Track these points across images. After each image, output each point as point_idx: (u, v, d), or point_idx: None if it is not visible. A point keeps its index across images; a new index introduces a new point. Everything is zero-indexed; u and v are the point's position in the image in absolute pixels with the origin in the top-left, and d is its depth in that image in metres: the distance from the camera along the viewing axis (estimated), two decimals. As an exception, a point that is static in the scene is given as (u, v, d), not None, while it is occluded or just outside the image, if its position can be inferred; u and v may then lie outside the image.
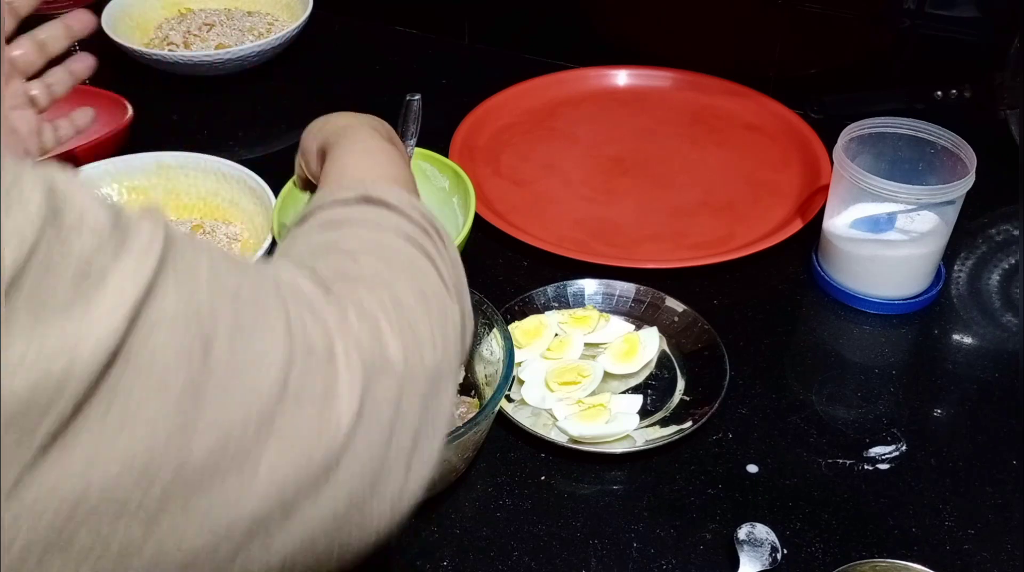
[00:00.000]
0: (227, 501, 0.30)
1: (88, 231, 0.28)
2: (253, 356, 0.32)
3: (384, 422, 0.37)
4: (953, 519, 0.66)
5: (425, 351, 0.41)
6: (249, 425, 0.31)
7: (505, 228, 0.89)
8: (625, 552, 0.64)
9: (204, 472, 0.30)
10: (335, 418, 0.34)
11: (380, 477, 0.37)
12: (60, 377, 0.26)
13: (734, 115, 1.07)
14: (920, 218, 0.79)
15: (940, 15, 0.98)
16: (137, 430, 0.28)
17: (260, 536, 0.32)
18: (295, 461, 0.33)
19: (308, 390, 0.34)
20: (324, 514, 0.34)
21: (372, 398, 0.36)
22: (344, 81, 1.16)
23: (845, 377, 0.77)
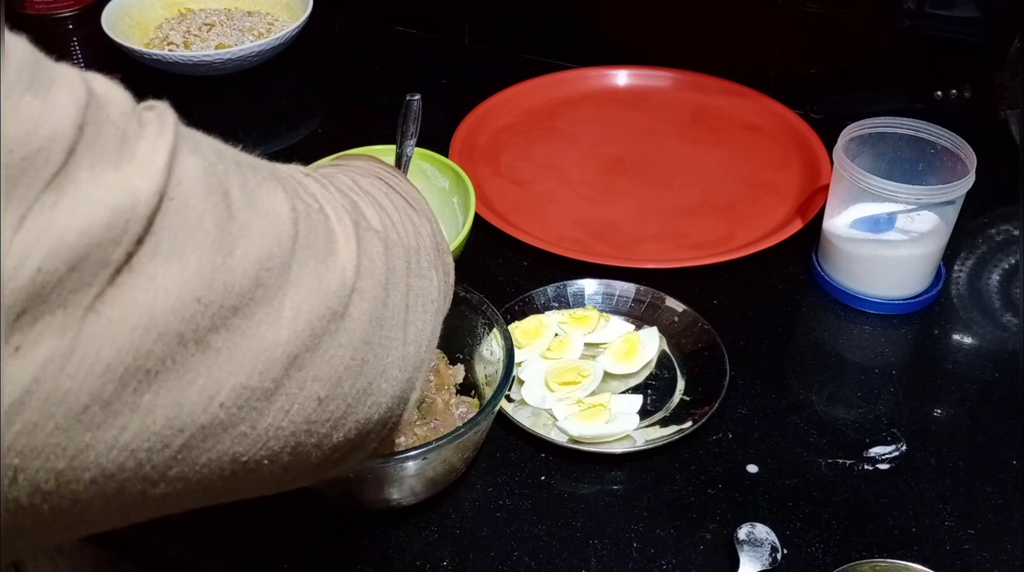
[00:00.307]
0: (263, 334, 0.34)
1: (116, 104, 0.32)
2: (264, 208, 0.36)
3: (378, 275, 0.41)
4: (953, 519, 0.66)
5: (398, 229, 0.46)
6: (273, 262, 0.35)
7: (505, 228, 0.89)
8: (625, 552, 0.64)
9: (242, 302, 0.33)
10: (340, 263, 0.39)
11: (384, 329, 0.41)
12: (125, 213, 0.30)
13: (734, 115, 1.07)
14: (920, 218, 0.79)
15: (940, 15, 0.98)
16: (187, 261, 0.32)
17: (295, 372, 0.36)
18: (313, 300, 0.36)
19: (314, 239, 0.38)
20: (345, 354, 0.38)
21: (365, 253, 0.41)
22: (344, 81, 1.16)
23: (845, 377, 0.77)
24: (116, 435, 0.30)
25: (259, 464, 0.36)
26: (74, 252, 0.28)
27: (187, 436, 0.32)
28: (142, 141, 0.32)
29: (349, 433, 0.40)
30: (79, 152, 0.29)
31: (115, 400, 0.30)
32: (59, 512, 0.30)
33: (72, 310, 0.29)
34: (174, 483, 0.33)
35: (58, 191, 0.28)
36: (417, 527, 0.65)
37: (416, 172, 0.91)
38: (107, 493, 0.31)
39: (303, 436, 0.37)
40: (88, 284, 0.29)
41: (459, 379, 0.71)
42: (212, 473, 0.34)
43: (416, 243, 0.47)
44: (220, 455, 0.34)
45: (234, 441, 0.34)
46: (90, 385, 0.29)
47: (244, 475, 0.36)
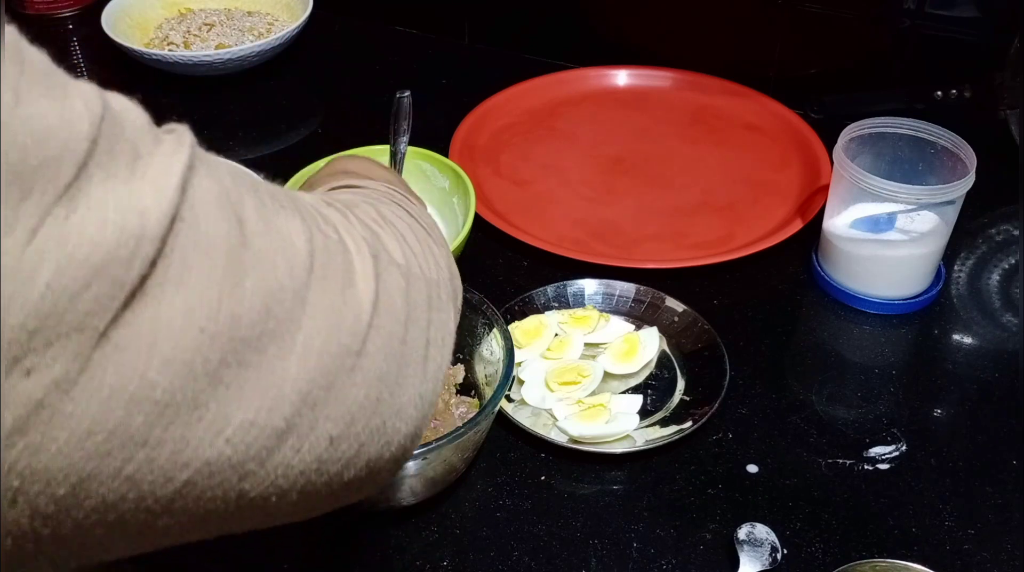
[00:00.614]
0: (273, 369, 0.33)
1: (131, 120, 0.32)
2: (280, 236, 0.35)
3: (398, 310, 0.40)
4: (953, 519, 0.66)
5: (420, 261, 0.45)
6: (286, 294, 0.34)
7: (505, 228, 0.89)
8: (625, 552, 0.64)
9: (252, 336, 0.32)
10: (357, 298, 0.37)
11: (402, 367, 0.40)
12: (136, 231, 0.29)
13: (734, 115, 1.07)
14: (920, 218, 0.79)
15: (940, 15, 0.98)
16: (193, 288, 0.31)
17: (307, 411, 0.34)
18: (328, 336, 0.35)
19: (331, 270, 0.37)
20: (359, 393, 0.37)
21: (384, 286, 0.39)
22: (344, 81, 1.16)
23: (845, 377, 0.77)
24: (119, 466, 0.30)
25: (266, 501, 0.35)
26: (84, 270, 0.28)
27: (192, 471, 0.32)
28: (156, 159, 0.31)
29: (360, 472, 0.39)
30: (91, 166, 0.28)
31: (119, 429, 0.29)
32: (60, 538, 0.30)
33: (88, 335, 0.28)
34: (178, 516, 0.33)
35: (69, 205, 0.27)
36: (417, 527, 0.65)
37: (416, 172, 0.91)
38: (108, 521, 0.31)
39: (313, 475, 0.36)
40: (104, 307, 0.28)
41: (459, 379, 0.71)
42: (217, 508, 0.34)
43: (437, 276, 0.46)
44: (226, 492, 0.33)
45: (241, 478, 0.33)
46: (93, 412, 0.29)
47: (250, 511, 0.35)
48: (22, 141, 0.27)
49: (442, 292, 0.46)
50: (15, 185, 0.26)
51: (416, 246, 0.45)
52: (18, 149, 0.27)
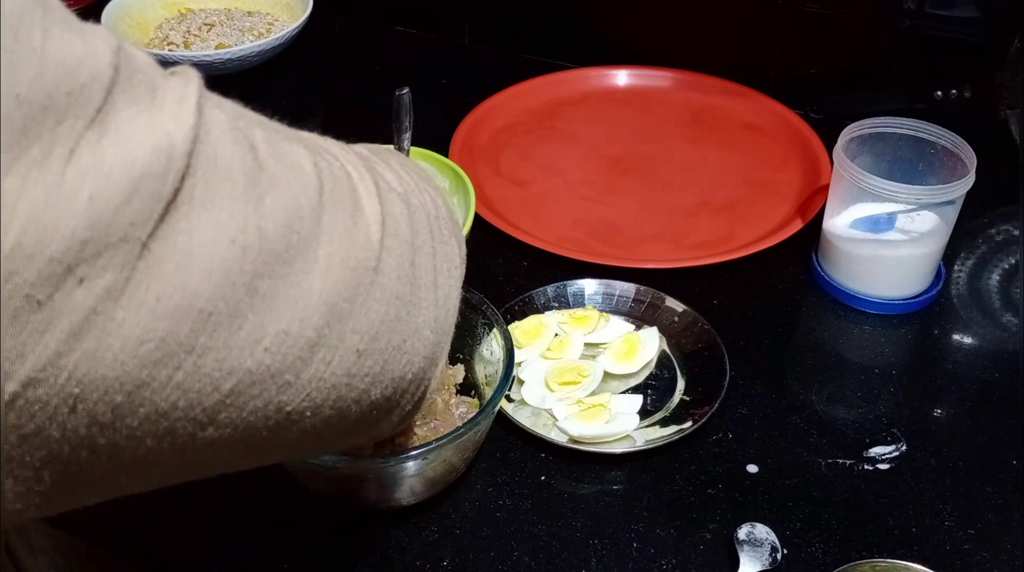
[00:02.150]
0: (300, 282, 0.35)
1: (140, 58, 0.33)
2: (290, 161, 0.37)
3: (404, 234, 0.42)
4: (953, 519, 0.66)
5: (418, 194, 0.46)
6: (304, 213, 0.36)
7: (505, 228, 0.89)
8: (625, 552, 0.64)
9: (279, 249, 0.34)
10: (366, 219, 0.39)
11: (415, 287, 0.42)
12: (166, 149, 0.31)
13: (734, 115, 1.07)
14: (920, 218, 0.79)
15: (940, 15, 0.98)
16: (222, 205, 0.32)
17: (334, 322, 0.36)
18: (346, 253, 0.37)
19: (339, 193, 0.39)
20: (380, 309, 0.39)
21: (389, 212, 0.41)
22: (344, 81, 1.16)
23: (845, 377, 0.77)
24: (170, 373, 0.31)
25: (302, 415, 0.37)
26: (124, 184, 0.29)
27: (235, 380, 0.33)
28: (170, 90, 0.33)
29: (386, 390, 0.41)
30: (116, 93, 0.30)
31: (169, 337, 0.31)
32: (114, 448, 0.32)
33: (132, 245, 0.30)
34: (223, 428, 0.34)
35: (100, 129, 0.29)
36: (417, 527, 0.65)
37: (416, 172, 0.91)
38: (159, 431, 0.32)
39: (344, 389, 0.38)
40: (145, 219, 0.30)
41: (459, 379, 0.71)
42: (258, 421, 0.35)
43: (436, 211, 0.47)
44: (266, 403, 0.35)
45: (279, 389, 0.35)
46: (143, 320, 0.30)
47: (288, 426, 0.37)
48: (54, 70, 0.28)
49: (443, 226, 0.47)
50: (51, 111, 0.28)
51: (411, 183, 0.47)
52: (52, 78, 0.28)
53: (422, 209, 0.45)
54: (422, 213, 0.45)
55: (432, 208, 0.47)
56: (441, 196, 0.51)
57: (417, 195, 0.46)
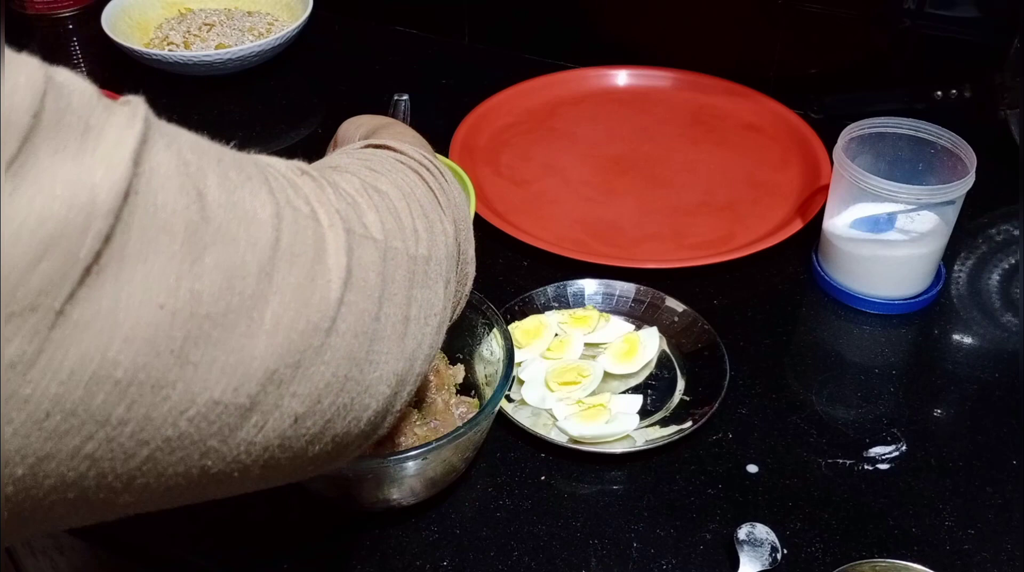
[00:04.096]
0: (240, 347, 0.33)
1: (78, 93, 0.30)
2: (244, 210, 0.34)
3: (371, 287, 0.39)
4: (953, 519, 0.66)
5: (407, 238, 0.43)
6: (250, 271, 0.33)
7: (505, 228, 0.89)
8: (625, 552, 0.64)
9: (216, 313, 0.32)
10: (327, 274, 0.36)
11: (374, 343, 0.39)
12: (86, 206, 0.28)
13: (734, 115, 1.07)
14: (920, 218, 0.79)
15: (940, 15, 0.98)
16: (153, 265, 0.30)
17: (272, 389, 0.34)
18: (296, 313, 0.35)
19: (299, 245, 0.36)
20: (327, 371, 0.36)
21: (358, 262, 0.38)
22: (344, 81, 1.16)
23: (845, 377, 0.77)
24: (78, 445, 0.29)
25: (228, 476, 0.35)
26: (33, 245, 0.27)
27: (152, 448, 0.31)
28: (107, 132, 0.30)
29: (326, 447, 0.38)
30: (36, 141, 0.28)
31: (79, 409, 0.29)
32: (20, 514, 0.30)
33: (43, 314, 0.27)
34: (138, 492, 0.32)
35: (14, 180, 0.27)
36: (417, 527, 0.65)
37: (416, 172, 0.91)
38: (68, 499, 0.30)
39: (276, 451, 0.36)
40: (57, 284, 0.27)
41: (459, 379, 0.71)
42: (179, 484, 0.33)
43: (427, 252, 0.44)
44: (188, 468, 0.33)
45: (203, 455, 0.33)
46: (52, 393, 0.28)
47: (214, 485, 0.35)
48: None
49: (431, 269, 0.44)
50: None
51: (407, 219, 0.44)
52: None
53: (404, 253, 0.42)
54: (403, 258, 0.42)
55: (424, 248, 0.44)
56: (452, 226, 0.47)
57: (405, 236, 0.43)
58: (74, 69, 0.32)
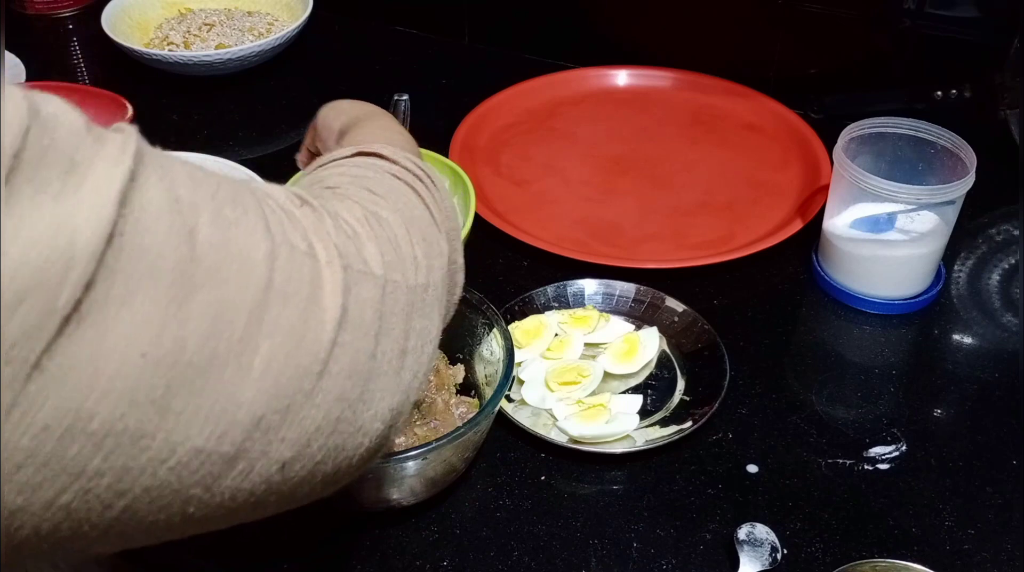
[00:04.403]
0: (227, 393, 0.31)
1: (65, 128, 0.29)
2: (237, 248, 0.32)
3: (368, 325, 0.37)
4: (953, 519, 0.66)
5: (406, 269, 0.41)
6: (240, 314, 0.32)
7: (505, 228, 0.89)
8: (625, 552, 0.64)
9: (202, 360, 0.30)
10: (321, 315, 0.35)
11: (369, 382, 0.37)
12: (66, 252, 0.27)
13: (734, 115, 1.07)
14: (920, 218, 0.79)
15: (940, 15, 0.98)
16: (136, 312, 0.29)
17: (259, 436, 0.33)
18: (287, 356, 0.33)
19: (293, 285, 0.34)
20: (318, 415, 0.35)
21: (355, 300, 0.37)
22: (344, 81, 1.16)
23: (845, 377, 0.77)
24: (53, 497, 0.28)
25: (210, 520, 0.34)
26: (8, 297, 0.25)
27: (130, 499, 0.30)
28: (94, 168, 0.29)
29: (315, 487, 0.37)
30: (17, 181, 0.26)
31: (52, 462, 0.28)
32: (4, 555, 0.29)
33: (17, 367, 0.26)
34: (116, 539, 0.32)
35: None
36: (417, 527, 0.65)
37: (416, 172, 0.91)
38: (43, 548, 0.30)
39: (263, 495, 0.35)
40: (33, 337, 0.26)
41: (459, 379, 0.71)
42: (159, 528, 0.32)
43: (425, 279, 0.43)
44: (169, 516, 0.32)
45: (185, 503, 0.32)
46: (25, 446, 0.27)
47: (197, 526, 0.34)
48: None
49: (428, 296, 0.43)
50: None
51: (408, 247, 0.42)
52: None
53: (404, 285, 0.41)
54: (402, 291, 0.40)
55: (423, 276, 0.43)
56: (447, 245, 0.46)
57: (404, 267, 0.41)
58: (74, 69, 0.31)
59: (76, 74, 1.17)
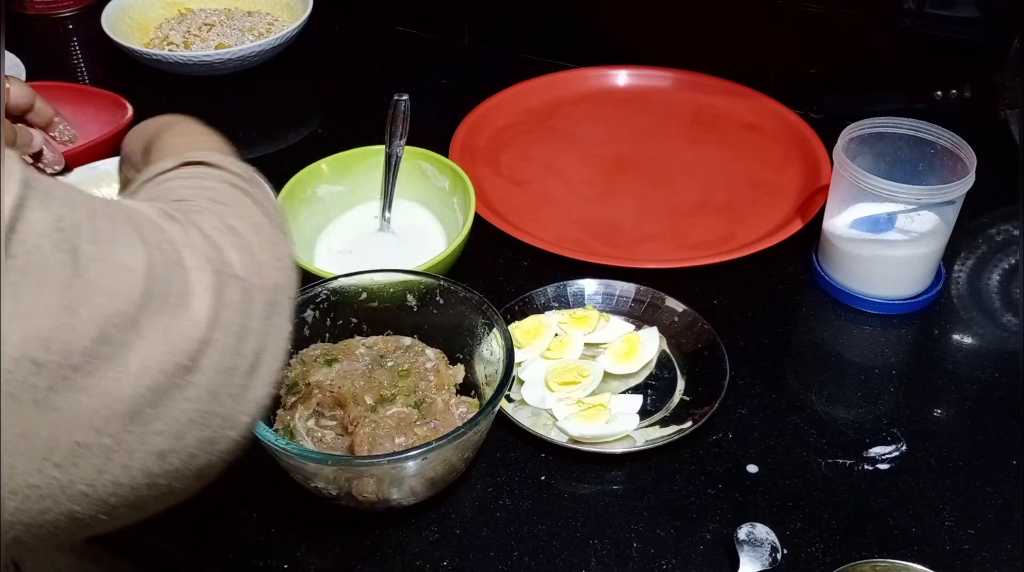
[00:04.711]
0: (107, 389, 0.34)
1: None
2: (117, 262, 0.35)
3: (234, 323, 0.40)
4: (953, 519, 0.66)
5: (263, 271, 0.45)
6: (122, 319, 0.35)
7: (505, 228, 0.89)
8: (625, 552, 0.64)
9: (83, 363, 0.33)
10: (193, 316, 0.38)
11: (234, 376, 0.40)
12: None
13: (734, 115, 1.07)
14: (920, 218, 0.79)
15: (940, 15, 0.98)
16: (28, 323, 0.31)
17: (136, 428, 0.35)
18: (161, 354, 0.36)
19: (167, 291, 0.37)
20: (189, 407, 0.37)
21: (223, 302, 0.40)
22: (344, 81, 1.16)
23: (845, 377, 0.77)
24: None
25: (96, 520, 0.36)
26: None
27: (20, 498, 0.32)
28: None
29: (190, 481, 0.40)
30: None
31: None
32: None
33: None
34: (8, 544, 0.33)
35: None
36: (417, 527, 0.65)
37: (416, 172, 0.91)
38: None
39: (143, 489, 0.37)
40: None
41: (459, 379, 0.71)
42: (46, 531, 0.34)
43: (280, 278, 0.46)
44: (56, 517, 0.34)
45: (70, 500, 0.34)
46: None
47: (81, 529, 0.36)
48: None
49: (283, 296, 0.46)
50: None
51: (260, 253, 0.45)
52: None
53: (262, 288, 0.44)
54: (261, 292, 0.43)
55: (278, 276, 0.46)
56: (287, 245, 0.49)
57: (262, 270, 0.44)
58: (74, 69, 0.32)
59: (76, 74, 1.17)
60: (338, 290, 0.73)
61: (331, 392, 0.67)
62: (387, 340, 0.73)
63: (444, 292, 0.72)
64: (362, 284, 0.73)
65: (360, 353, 0.71)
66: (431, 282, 0.72)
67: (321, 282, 0.72)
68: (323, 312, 0.72)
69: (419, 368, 0.70)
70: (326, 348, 0.72)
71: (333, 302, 0.73)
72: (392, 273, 0.73)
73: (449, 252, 0.79)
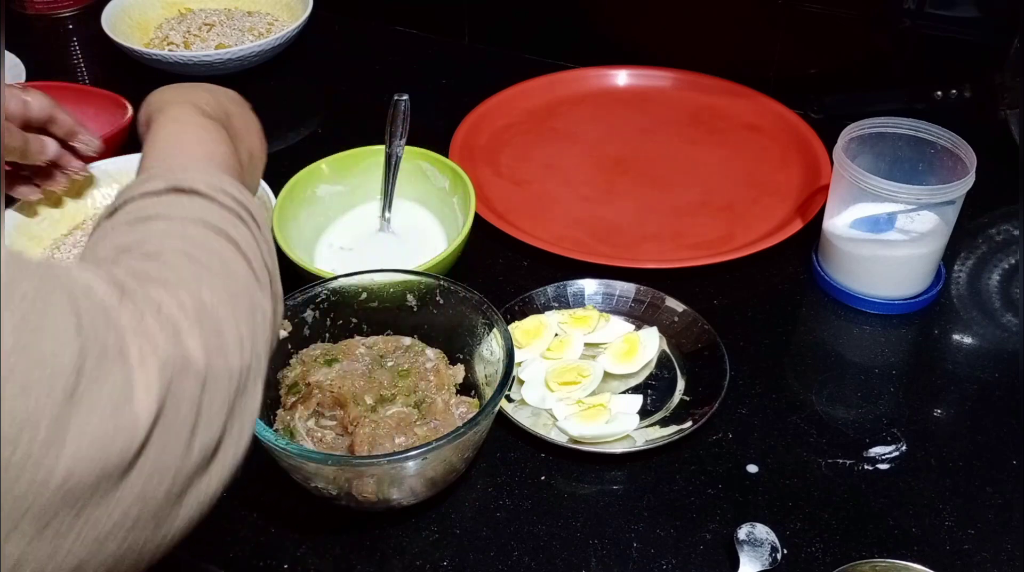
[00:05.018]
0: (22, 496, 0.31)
1: None
2: (40, 355, 0.32)
3: (184, 422, 0.37)
4: (953, 519, 0.66)
5: (230, 352, 0.41)
6: (42, 422, 0.31)
7: (505, 228, 0.89)
8: (625, 552, 0.64)
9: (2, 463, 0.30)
10: (131, 418, 0.35)
11: (178, 478, 0.37)
12: None
13: (734, 115, 1.07)
14: (920, 218, 0.79)
15: (940, 15, 0.98)
16: None
17: (49, 533, 0.32)
18: (92, 460, 0.33)
19: (102, 390, 0.34)
20: (114, 516, 0.34)
21: (172, 398, 0.37)
22: (344, 81, 1.16)
23: (845, 377, 0.77)
24: None
25: None
26: None
27: None
28: None
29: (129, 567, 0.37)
30: None
31: None
32: None
33: None
34: None
35: None
36: (417, 527, 0.65)
37: (416, 172, 0.91)
38: None
39: None
40: None
41: (459, 379, 0.71)
42: None
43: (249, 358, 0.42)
44: None
45: None
46: None
47: None
48: None
49: (252, 372, 0.42)
50: None
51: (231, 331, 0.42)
52: None
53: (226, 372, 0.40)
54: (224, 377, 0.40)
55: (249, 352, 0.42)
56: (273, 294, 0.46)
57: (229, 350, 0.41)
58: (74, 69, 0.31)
59: (76, 74, 1.17)
60: (338, 290, 0.73)
61: (331, 392, 0.67)
62: (387, 340, 0.73)
63: (444, 292, 0.72)
64: (362, 284, 0.73)
65: (360, 353, 0.71)
66: (431, 282, 0.72)
67: (321, 282, 0.72)
68: (323, 312, 0.72)
69: (419, 368, 0.70)
70: (326, 348, 0.72)
71: (333, 302, 0.73)
72: (392, 273, 0.73)
73: (449, 252, 0.79)
